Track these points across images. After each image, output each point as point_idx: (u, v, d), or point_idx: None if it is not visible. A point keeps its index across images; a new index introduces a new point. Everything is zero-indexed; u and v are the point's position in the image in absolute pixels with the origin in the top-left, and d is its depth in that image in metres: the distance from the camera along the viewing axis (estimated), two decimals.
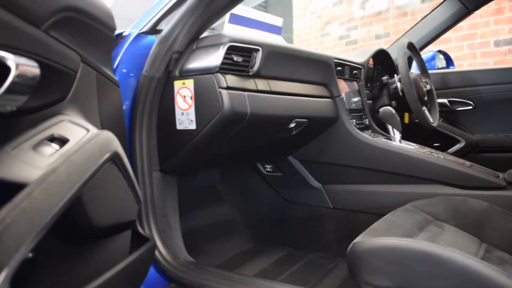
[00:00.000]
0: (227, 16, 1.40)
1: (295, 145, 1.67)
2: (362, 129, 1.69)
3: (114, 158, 0.72)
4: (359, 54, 1.96)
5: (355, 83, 1.82)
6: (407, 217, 1.14)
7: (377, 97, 1.97)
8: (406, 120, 2.15)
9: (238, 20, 1.44)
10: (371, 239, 0.93)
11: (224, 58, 1.13)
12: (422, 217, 1.17)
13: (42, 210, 0.55)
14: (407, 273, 0.86)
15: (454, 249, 0.82)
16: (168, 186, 1.33)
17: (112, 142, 0.72)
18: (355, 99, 1.79)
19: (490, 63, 3.68)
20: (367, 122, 1.76)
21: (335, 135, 1.63)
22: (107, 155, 0.68)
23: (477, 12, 3.66)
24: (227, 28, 1.39)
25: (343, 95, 1.67)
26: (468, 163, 1.51)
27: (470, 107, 2.24)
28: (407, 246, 0.87)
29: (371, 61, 2.13)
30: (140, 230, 0.99)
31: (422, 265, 0.84)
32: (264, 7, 6.32)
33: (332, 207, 1.68)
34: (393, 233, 1.01)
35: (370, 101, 1.99)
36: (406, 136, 1.78)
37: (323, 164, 1.68)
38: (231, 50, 1.15)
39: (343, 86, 1.70)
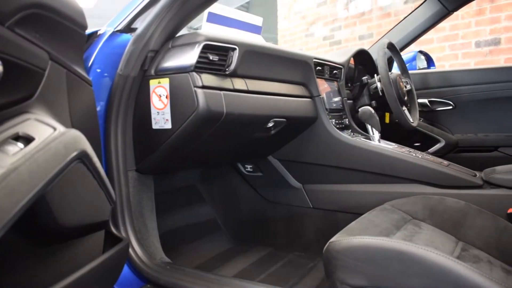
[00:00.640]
0: (205, 15, 1.39)
1: (275, 145, 1.67)
2: (341, 129, 1.69)
3: (82, 157, 0.70)
4: (340, 54, 1.96)
5: (335, 83, 1.82)
6: (385, 216, 1.15)
7: (358, 97, 1.98)
8: (387, 120, 2.16)
9: (216, 19, 1.43)
10: (346, 238, 0.93)
11: (200, 57, 1.12)
12: (399, 216, 1.17)
13: (2, 208, 0.54)
14: (382, 272, 0.86)
15: (428, 247, 0.83)
16: (145, 186, 1.31)
17: (79, 141, 0.70)
18: (336, 99, 1.79)
19: (471, 64, 3.73)
20: (347, 122, 1.77)
21: (314, 135, 1.63)
22: (73, 154, 0.67)
23: (459, 13, 3.75)
24: (205, 27, 1.39)
25: (323, 95, 1.67)
26: (446, 162, 1.52)
27: (450, 107, 2.26)
28: (381, 245, 0.87)
29: (352, 61, 2.14)
30: (114, 230, 0.98)
31: (396, 264, 0.84)
32: (246, 8, 6.32)
33: (311, 206, 1.68)
34: (370, 232, 1.02)
35: (351, 101, 2.00)
36: (387, 135, 1.79)
37: (303, 164, 1.68)
38: (207, 49, 1.14)
39: (323, 86, 1.70)
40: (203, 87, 1.11)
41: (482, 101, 2.19)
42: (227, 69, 1.21)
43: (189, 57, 1.12)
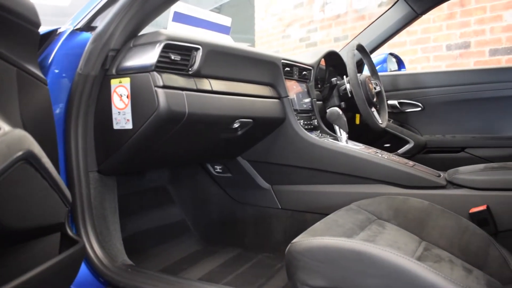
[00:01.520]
0: (170, 14, 1.38)
1: (243, 145, 1.66)
2: (310, 130, 1.70)
3: (28, 158, 0.68)
4: (310, 56, 1.97)
5: (305, 84, 1.83)
6: (349, 217, 1.15)
7: (328, 98, 2.00)
8: (357, 121, 2.19)
9: (183, 18, 1.41)
10: (307, 239, 0.94)
11: (160, 56, 1.11)
12: (364, 216, 1.18)
13: None
14: (341, 272, 0.87)
15: (387, 248, 0.83)
16: (107, 188, 1.29)
17: (25, 141, 0.68)
18: (306, 100, 1.80)
19: (442, 67, 3.80)
20: (316, 123, 1.78)
21: (282, 136, 1.63)
22: (17, 154, 0.65)
23: (430, 17, 3.82)
24: (171, 26, 1.37)
25: (293, 95, 1.68)
26: (411, 163, 1.54)
27: (419, 109, 2.30)
28: (340, 245, 0.88)
29: (323, 62, 2.16)
30: (70, 232, 0.96)
31: (355, 264, 0.84)
32: (218, 9, 6.31)
33: (280, 207, 1.68)
34: (333, 232, 1.02)
35: (321, 102, 2.01)
36: (358, 136, 1.80)
37: (271, 165, 1.68)
38: (168, 48, 1.13)
39: (293, 87, 1.71)
40: (164, 86, 1.10)
41: (450, 102, 2.24)
42: (190, 69, 1.20)
43: (150, 56, 1.11)
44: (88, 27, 1.19)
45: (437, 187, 1.39)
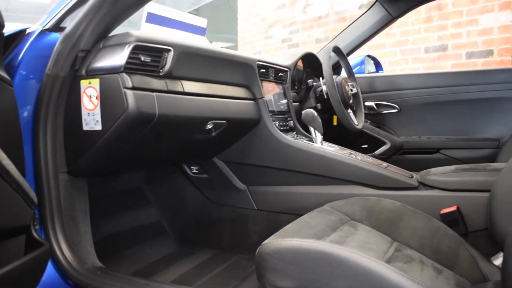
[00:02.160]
0: (144, 15, 1.37)
1: (219, 146, 1.66)
2: (286, 131, 1.71)
3: None
4: (287, 57, 1.98)
5: (281, 86, 1.84)
6: (322, 218, 1.16)
7: (304, 99, 2.01)
8: (335, 122, 2.20)
9: (156, 19, 1.41)
10: (276, 241, 0.94)
11: (130, 57, 1.10)
12: (337, 217, 1.19)
13: None
14: (309, 274, 0.87)
15: (354, 249, 0.84)
16: (77, 189, 1.28)
17: None
18: (283, 101, 1.81)
19: (421, 69, 3.85)
20: (292, 124, 1.78)
21: (258, 137, 1.63)
22: None
23: (409, 20, 3.87)
24: (144, 27, 1.36)
25: (269, 97, 1.68)
26: (385, 164, 1.56)
27: (395, 110, 2.33)
28: (309, 247, 0.88)
29: (301, 64, 2.17)
30: (35, 235, 0.95)
31: (322, 266, 0.85)
32: (196, 11, 6.30)
33: (256, 208, 1.68)
34: (304, 234, 1.03)
35: (298, 103, 2.02)
36: (335, 137, 1.82)
37: (247, 166, 1.68)
38: (138, 49, 1.12)
39: (269, 88, 1.71)
40: (134, 88, 1.10)
41: (425, 104, 2.27)
42: (161, 71, 1.19)
43: (119, 58, 1.10)
44: (57, 27, 1.18)
45: (410, 188, 1.41)
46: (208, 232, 1.83)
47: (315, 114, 1.66)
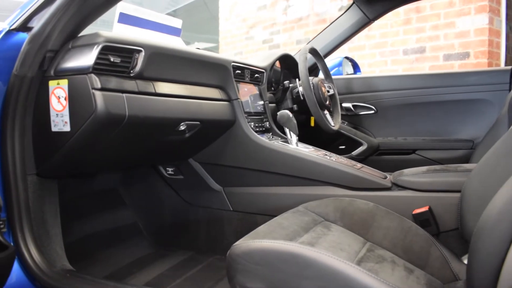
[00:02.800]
0: (116, 15, 1.35)
1: (194, 147, 1.66)
2: (262, 132, 1.71)
3: None
4: (264, 58, 1.99)
5: (257, 87, 1.84)
6: (295, 219, 1.16)
7: (281, 101, 2.01)
8: (312, 124, 2.21)
9: (129, 20, 1.39)
10: (246, 242, 0.94)
11: (99, 58, 1.09)
12: (310, 218, 1.19)
13: None
14: (278, 275, 0.87)
15: (323, 250, 0.85)
16: (47, 191, 1.26)
17: None
18: (260, 102, 1.81)
19: (399, 70, 3.90)
20: (268, 125, 1.79)
21: (233, 138, 1.63)
22: None
23: (388, 22, 3.92)
24: (116, 28, 1.35)
25: (246, 98, 1.68)
26: (359, 165, 1.57)
27: (372, 112, 2.35)
28: (278, 248, 0.88)
29: (278, 65, 2.17)
30: (0, 238, 0.93)
31: (291, 267, 0.85)
32: (174, 12, 6.28)
33: (231, 209, 1.68)
34: (275, 235, 1.03)
35: (275, 104, 2.03)
36: (313, 139, 1.82)
37: (223, 167, 1.68)
38: (107, 50, 1.11)
39: (245, 90, 1.71)
40: (102, 89, 1.09)
41: (402, 106, 2.30)
42: (131, 72, 1.18)
43: (88, 58, 1.09)
44: (24, 27, 1.16)
45: (383, 189, 1.42)
46: (184, 233, 1.82)
47: (290, 115, 1.67)
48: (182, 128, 1.39)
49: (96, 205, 1.80)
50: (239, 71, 1.68)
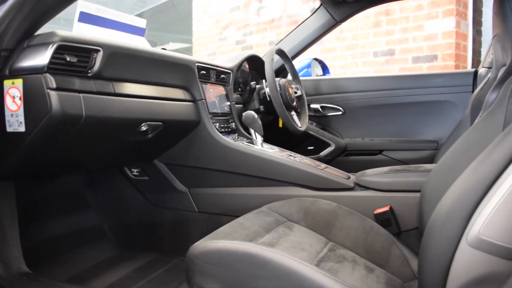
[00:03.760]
0: (76, 14, 1.33)
1: (158, 148, 1.64)
2: (228, 133, 1.71)
3: None
4: (231, 59, 1.99)
5: (223, 87, 1.84)
6: (258, 219, 1.17)
7: (248, 101, 2.02)
8: (280, 125, 2.22)
9: (90, 19, 1.37)
10: (204, 243, 0.94)
11: (54, 57, 1.07)
12: (273, 218, 1.20)
13: None
14: (235, 275, 0.88)
15: (279, 250, 0.85)
16: (3, 193, 1.24)
17: None
18: (227, 103, 1.81)
19: (370, 72, 3.96)
20: (234, 126, 1.79)
21: (198, 139, 1.63)
22: None
23: (359, 24, 3.97)
24: (77, 27, 1.33)
25: (212, 98, 1.68)
26: (323, 165, 1.59)
27: (340, 113, 2.38)
28: (234, 248, 0.89)
29: (247, 66, 2.18)
30: None
31: (247, 267, 0.86)
32: (140, 14, 6.23)
33: (197, 210, 1.68)
34: (235, 236, 1.03)
35: (242, 105, 2.03)
36: (281, 139, 1.82)
37: (188, 168, 1.67)
38: (63, 49, 1.09)
39: (210, 90, 1.71)
40: (58, 89, 1.07)
41: (368, 107, 2.33)
42: (89, 71, 1.17)
43: (42, 57, 1.07)
44: None
45: (345, 189, 1.44)
46: (149, 235, 1.81)
47: (255, 116, 1.67)
48: (144, 128, 1.38)
49: (60, 207, 1.77)
50: (204, 72, 1.68)
